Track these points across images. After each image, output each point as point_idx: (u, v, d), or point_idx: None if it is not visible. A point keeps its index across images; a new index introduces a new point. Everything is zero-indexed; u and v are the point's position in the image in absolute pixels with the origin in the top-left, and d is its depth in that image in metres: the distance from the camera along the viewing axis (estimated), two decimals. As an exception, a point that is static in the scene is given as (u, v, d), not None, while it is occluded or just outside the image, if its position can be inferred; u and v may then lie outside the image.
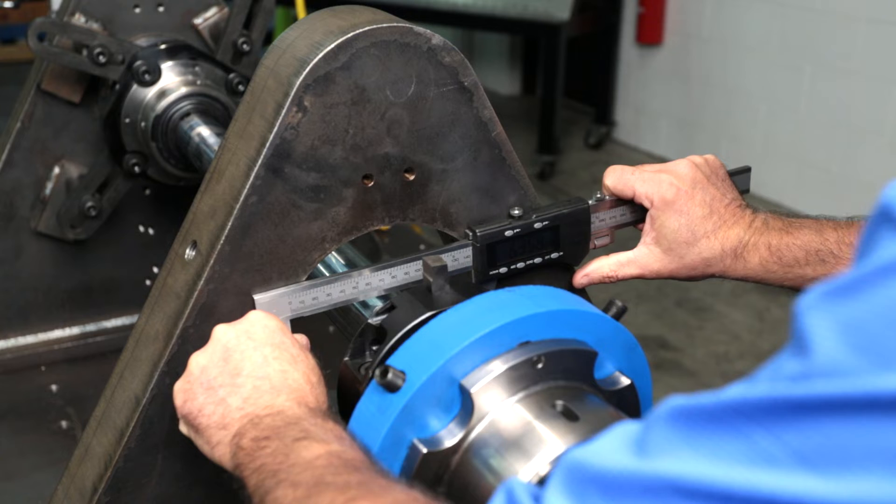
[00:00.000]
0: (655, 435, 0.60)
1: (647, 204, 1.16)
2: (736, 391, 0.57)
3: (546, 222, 1.15)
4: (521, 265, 1.15)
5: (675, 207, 1.15)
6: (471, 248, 1.13)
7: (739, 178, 1.27)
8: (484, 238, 1.12)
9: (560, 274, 1.21)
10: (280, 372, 0.96)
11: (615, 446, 0.63)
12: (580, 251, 1.19)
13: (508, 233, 1.13)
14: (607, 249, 1.22)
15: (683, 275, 1.17)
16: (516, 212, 1.14)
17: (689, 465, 0.57)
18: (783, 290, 1.16)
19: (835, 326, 0.54)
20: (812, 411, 0.53)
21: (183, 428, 1.00)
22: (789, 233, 1.13)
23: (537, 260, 1.16)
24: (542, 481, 0.86)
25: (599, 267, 1.19)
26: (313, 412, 0.92)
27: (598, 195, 1.20)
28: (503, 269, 1.14)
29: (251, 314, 1.02)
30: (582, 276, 1.20)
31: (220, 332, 1.00)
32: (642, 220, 1.20)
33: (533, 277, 1.17)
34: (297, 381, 0.96)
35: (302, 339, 1.05)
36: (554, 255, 1.17)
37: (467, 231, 1.13)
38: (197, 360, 0.99)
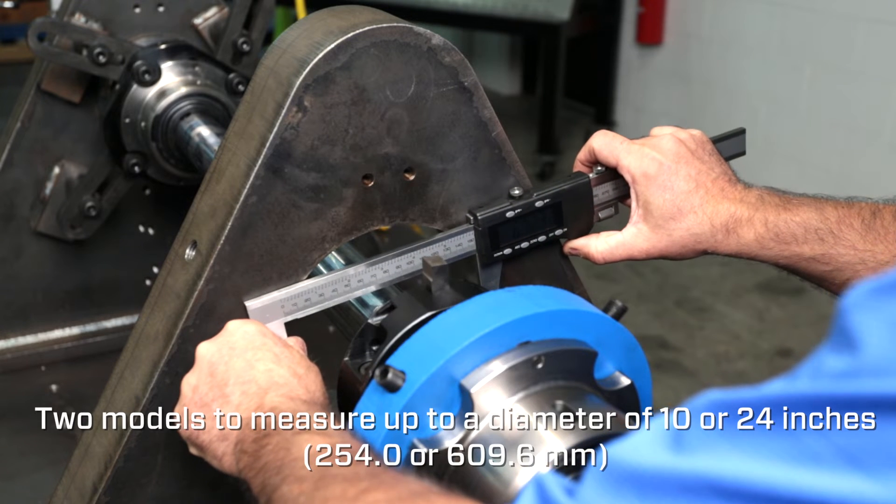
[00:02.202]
0: (693, 429, 0.58)
1: (627, 178, 1.13)
2: (776, 387, 0.55)
3: (547, 200, 1.14)
4: (524, 245, 1.14)
5: (658, 182, 1.11)
6: (465, 234, 1.12)
7: (733, 140, 1.23)
8: (486, 221, 1.11)
9: (566, 266, 1.22)
10: (265, 372, 0.96)
11: (651, 441, 0.60)
12: (584, 225, 1.18)
13: (510, 213, 1.12)
14: (613, 221, 1.20)
15: (674, 253, 1.13)
16: (517, 192, 1.13)
17: (728, 463, 0.55)
18: (778, 268, 1.14)
19: (884, 325, 0.52)
20: (861, 409, 0.51)
21: (192, 450, 1.00)
22: (787, 209, 1.10)
23: (541, 238, 1.15)
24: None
25: (587, 245, 1.17)
26: (308, 404, 0.92)
27: (599, 168, 1.18)
28: (507, 251, 1.13)
29: (229, 324, 1.02)
30: (569, 248, 1.18)
31: (203, 349, 1.00)
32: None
33: (538, 259, 1.17)
34: (282, 376, 0.96)
35: (298, 342, 1.05)
36: (558, 232, 1.16)
37: (468, 215, 1.12)
38: (188, 381, 1.00)
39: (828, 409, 0.52)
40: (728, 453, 0.55)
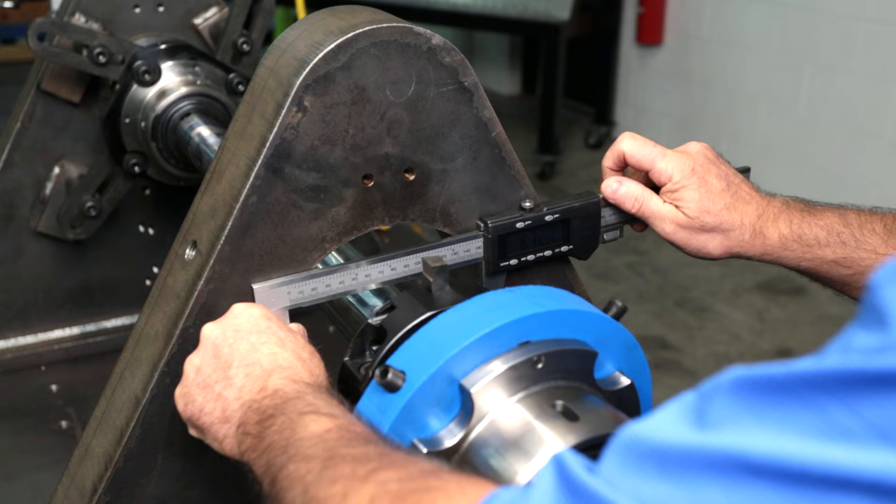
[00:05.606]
0: (716, 406, 0.57)
1: (663, 180, 1.16)
2: (805, 363, 0.54)
3: (557, 215, 1.16)
4: (531, 257, 1.16)
5: (692, 182, 1.15)
6: (474, 241, 1.13)
7: None
8: (496, 229, 1.13)
9: (566, 266, 1.23)
10: (269, 355, 0.96)
11: (673, 419, 0.59)
12: (590, 245, 1.20)
13: (520, 224, 1.14)
14: (619, 243, 1.22)
15: (695, 246, 1.16)
16: (527, 204, 1.15)
17: (756, 439, 0.53)
18: (799, 273, 1.16)
19: None
20: (892, 384, 0.50)
21: (192, 431, 1.00)
22: (811, 213, 1.14)
23: (547, 253, 1.17)
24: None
25: (631, 187, 1.17)
26: (312, 387, 0.92)
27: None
28: (513, 262, 1.15)
29: (234, 307, 1.02)
30: (614, 185, 1.18)
31: (208, 330, 1.00)
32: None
33: (541, 269, 1.18)
34: (287, 359, 0.96)
35: (300, 329, 1.05)
36: (564, 249, 1.18)
37: (479, 222, 1.14)
38: (191, 361, 1.00)
39: (858, 384, 0.52)
40: (755, 429, 0.54)
